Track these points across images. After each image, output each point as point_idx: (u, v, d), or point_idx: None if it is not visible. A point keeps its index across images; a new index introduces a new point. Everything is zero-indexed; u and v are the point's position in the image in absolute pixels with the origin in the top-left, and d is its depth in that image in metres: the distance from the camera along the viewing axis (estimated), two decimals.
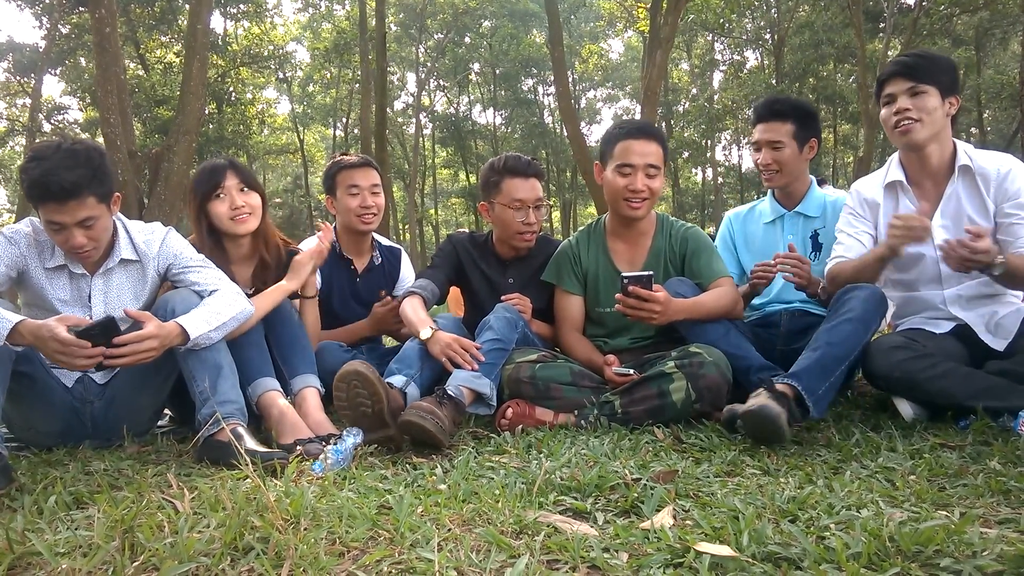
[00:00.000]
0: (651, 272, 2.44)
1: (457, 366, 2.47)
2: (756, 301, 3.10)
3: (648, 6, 16.01)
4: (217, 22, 26.30)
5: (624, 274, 2.46)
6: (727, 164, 39.12)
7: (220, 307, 2.31)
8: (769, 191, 3.14)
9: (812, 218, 3.00)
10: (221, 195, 2.67)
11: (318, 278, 2.99)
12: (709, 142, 34.09)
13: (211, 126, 24.14)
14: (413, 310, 2.73)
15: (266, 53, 27.92)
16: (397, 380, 2.44)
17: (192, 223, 2.73)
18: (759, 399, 2.08)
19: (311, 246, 2.84)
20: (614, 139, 2.76)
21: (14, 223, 2.68)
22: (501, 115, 37.26)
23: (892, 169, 2.62)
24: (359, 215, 3.07)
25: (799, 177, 3.00)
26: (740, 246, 3.17)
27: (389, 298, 3.11)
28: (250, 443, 2.07)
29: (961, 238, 2.22)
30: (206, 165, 2.76)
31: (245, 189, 2.71)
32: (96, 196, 2.19)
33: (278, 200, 33.52)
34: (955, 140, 2.54)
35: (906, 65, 2.48)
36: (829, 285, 2.60)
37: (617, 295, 2.46)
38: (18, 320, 1.98)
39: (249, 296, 2.61)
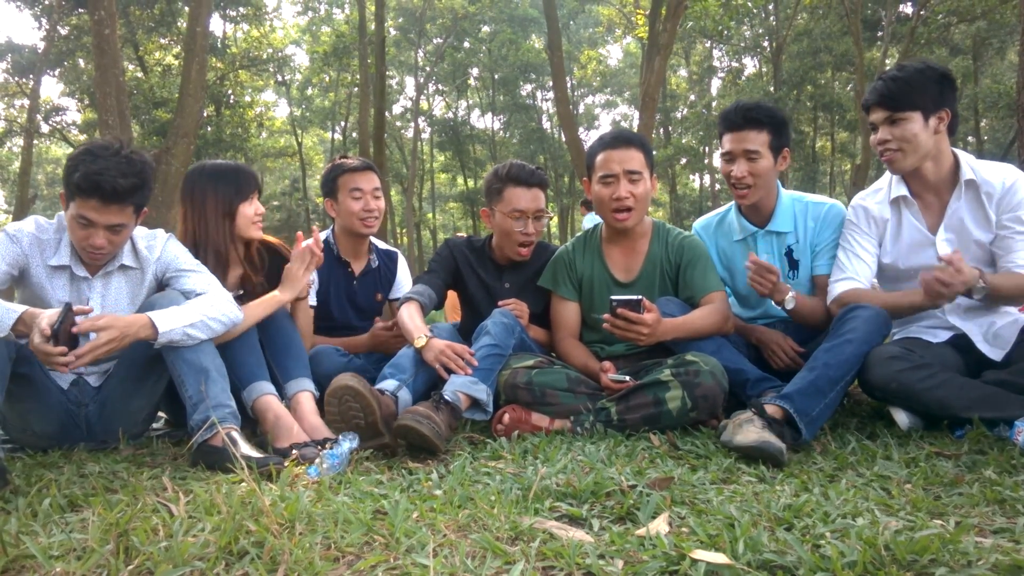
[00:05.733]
0: (640, 297, 2.43)
1: (451, 372, 2.47)
2: (745, 315, 3.04)
3: (647, 13, 16.04)
4: (216, 25, 26.30)
5: (613, 297, 2.46)
6: None
7: (201, 307, 2.29)
8: (734, 203, 2.95)
9: (784, 233, 2.84)
10: (251, 199, 2.74)
11: (315, 279, 2.99)
12: (707, 148, 34.08)
13: (209, 128, 24.11)
14: (410, 316, 2.73)
15: (265, 56, 27.91)
16: (389, 384, 2.44)
17: (210, 219, 2.69)
18: (753, 432, 2.05)
19: (294, 251, 2.79)
20: (595, 152, 2.76)
21: (12, 222, 2.69)
22: (500, 120, 37.32)
23: (895, 184, 2.58)
24: (362, 219, 3.06)
25: (770, 191, 2.83)
26: (715, 259, 2.98)
27: (392, 322, 3.09)
28: (245, 448, 2.07)
29: (938, 273, 2.18)
30: (240, 167, 2.78)
31: (259, 200, 2.82)
32: (134, 207, 2.28)
33: (276, 203, 33.53)
34: (956, 151, 2.51)
35: (882, 94, 2.43)
36: (835, 309, 2.52)
37: (605, 315, 2.47)
38: (23, 309, 2.01)
39: (239, 298, 2.62)
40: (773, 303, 2.69)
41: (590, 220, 12.71)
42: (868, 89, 2.52)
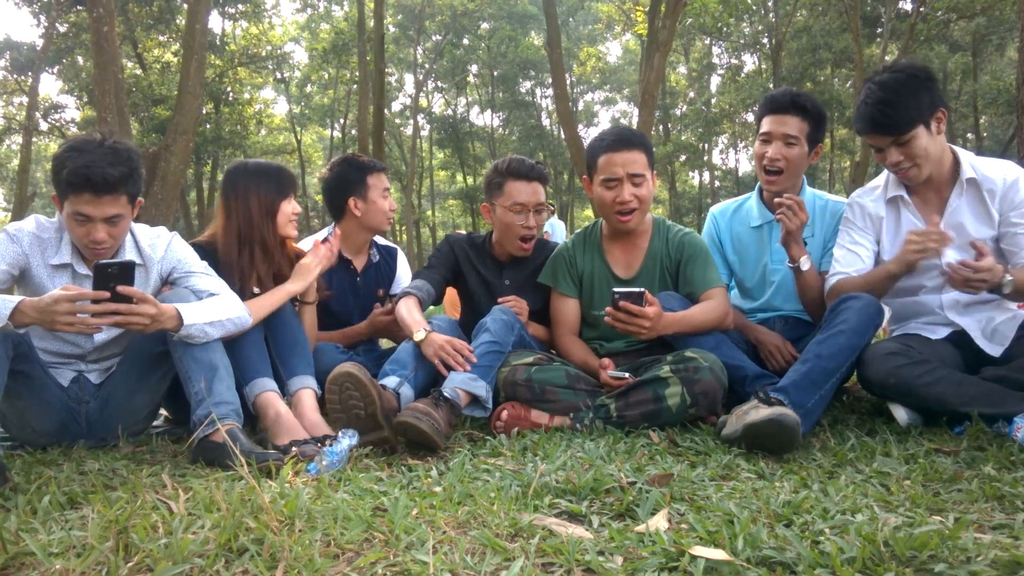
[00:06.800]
0: (642, 289, 2.43)
1: (450, 368, 2.47)
2: (747, 307, 3.05)
3: (646, 9, 16.02)
4: (215, 22, 26.34)
5: (615, 289, 2.46)
6: (724, 168, 39.31)
7: (217, 307, 2.31)
8: (756, 191, 3.01)
9: None
10: (290, 198, 2.77)
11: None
12: (706, 146, 34.15)
13: (208, 126, 24.12)
14: (408, 311, 2.73)
15: (264, 53, 27.93)
16: (390, 381, 2.44)
17: (254, 214, 2.71)
18: (765, 409, 2.05)
19: (311, 248, 2.84)
20: (597, 152, 2.74)
21: (11, 221, 2.69)
22: (499, 117, 37.31)
23: (892, 183, 2.57)
24: (388, 217, 3.17)
25: (797, 181, 2.86)
26: (727, 245, 3.06)
27: (390, 305, 3.11)
28: (245, 444, 2.06)
29: (964, 259, 2.19)
30: (281, 167, 2.82)
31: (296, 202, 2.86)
32: (128, 195, 2.27)
33: None
34: (954, 148, 2.50)
35: (880, 123, 2.37)
36: (829, 301, 2.53)
37: (607, 308, 2.47)
38: (20, 299, 2.00)
39: (259, 295, 2.63)
40: (788, 263, 2.68)
41: (549, 226, 12.80)
42: (858, 114, 2.44)
